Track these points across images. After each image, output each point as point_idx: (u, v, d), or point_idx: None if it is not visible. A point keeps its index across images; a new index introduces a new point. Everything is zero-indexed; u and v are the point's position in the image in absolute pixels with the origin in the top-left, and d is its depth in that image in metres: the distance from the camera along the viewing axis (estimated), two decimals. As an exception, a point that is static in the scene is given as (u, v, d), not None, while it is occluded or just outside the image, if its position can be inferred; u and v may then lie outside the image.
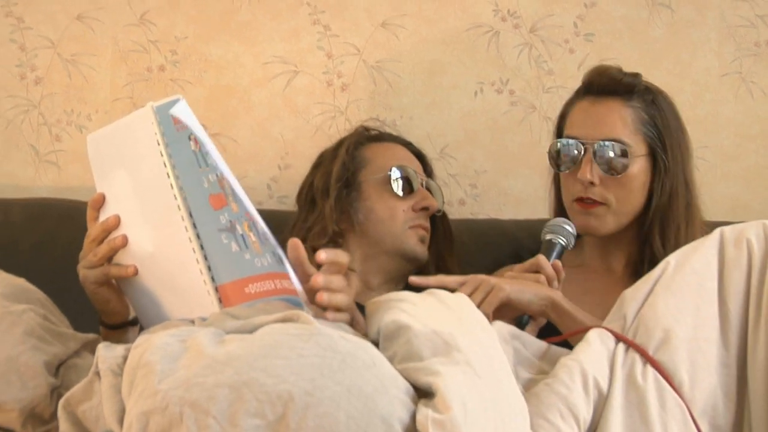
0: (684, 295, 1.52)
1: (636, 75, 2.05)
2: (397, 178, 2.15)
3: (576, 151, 2.00)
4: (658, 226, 1.99)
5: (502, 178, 2.57)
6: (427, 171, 2.29)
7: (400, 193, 2.14)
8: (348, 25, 2.58)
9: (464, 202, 2.57)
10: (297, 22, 2.58)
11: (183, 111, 1.56)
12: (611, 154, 1.97)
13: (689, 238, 1.93)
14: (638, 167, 1.99)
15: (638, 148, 1.98)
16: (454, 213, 2.46)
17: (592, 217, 2.00)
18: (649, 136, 1.99)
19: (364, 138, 2.25)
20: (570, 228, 1.97)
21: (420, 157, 2.29)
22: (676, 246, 1.91)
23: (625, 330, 1.53)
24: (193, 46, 2.59)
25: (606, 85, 2.03)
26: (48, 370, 1.49)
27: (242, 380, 1.20)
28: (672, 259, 1.57)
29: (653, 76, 2.48)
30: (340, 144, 2.24)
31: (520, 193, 2.56)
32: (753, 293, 1.51)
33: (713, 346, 1.50)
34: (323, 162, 2.23)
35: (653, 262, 1.94)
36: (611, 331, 1.54)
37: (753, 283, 1.51)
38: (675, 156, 1.99)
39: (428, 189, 2.21)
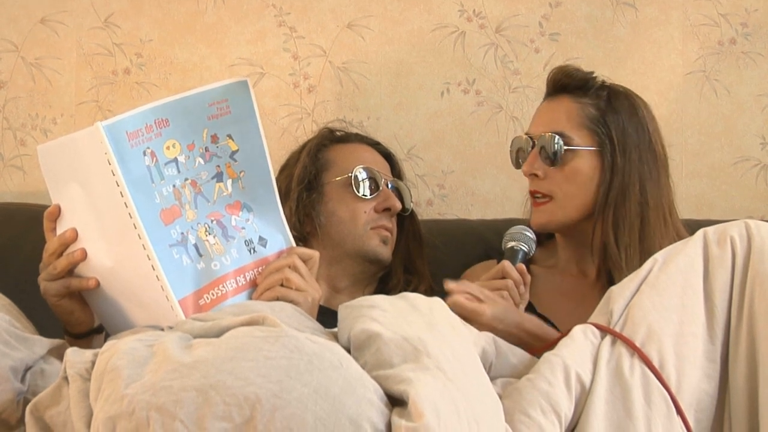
0: (669, 293, 1.54)
1: (590, 73, 2.06)
2: (359, 180, 2.14)
3: (525, 147, 2.04)
4: (612, 225, 1.97)
5: (469, 178, 2.57)
6: (395, 171, 2.27)
7: (362, 194, 2.13)
8: (314, 26, 2.58)
9: (432, 202, 2.57)
10: (263, 24, 2.58)
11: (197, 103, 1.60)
12: (552, 145, 1.99)
13: (647, 239, 1.95)
14: (583, 161, 1.99)
15: (582, 141, 1.99)
16: (422, 214, 2.46)
17: (541, 213, 2.02)
18: (596, 131, 1.99)
19: (328, 140, 2.23)
20: (530, 234, 1.99)
21: (388, 157, 2.28)
22: (631, 245, 1.94)
23: (611, 325, 1.54)
24: (159, 49, 2.58)
25: (560, 81, 2.05)
26: (14, 375, 1.48)
27: (209, 383, 1.20)
28: (659, 257, 1.59)
29: (618, 75, 2.50)
30: (303, 146, 2.23)
31: (487, 193, 2.56)
32: (736, 291, 1.53)
33: (699, 341, 1.51)
34: (288, 164, 2.22)
35: (610, 262, 1.97)
36: (597, 325, 1.55)
37: (736, 281, 1.53)
38: (628, 155, 1.98)
39: (396, 189, 2.21)
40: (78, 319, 1.68)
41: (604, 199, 1.98)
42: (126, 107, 2.49)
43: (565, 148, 1.98)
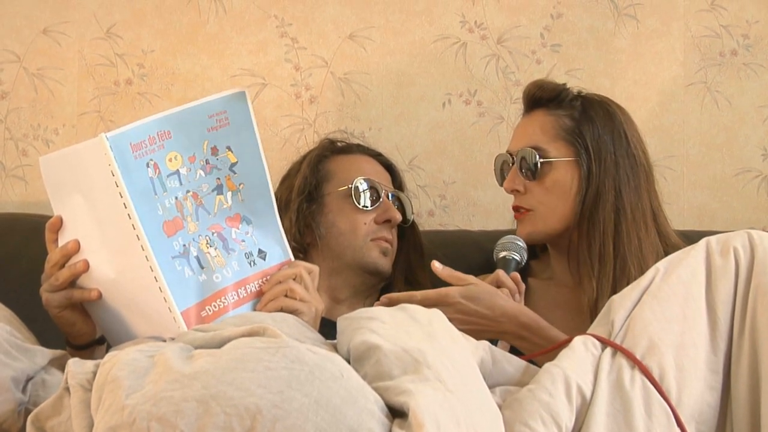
0: (671, 303, 1.53)
1: (563, 84, 2.08)
2: (359, 191, 2.14)
3: (506, 165, 2.08)
4: (586, 232, 1.99)
5: (470, 188, 2.57)
6: (396, 182, 2.27)
7: (363, 205, 2.13)
8: (315, 37, 2.58)
9: (433, 213, 2.57)
10: (265, 34, 2.58)
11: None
12: (529, 159, 2.01)
13: (623, 246, 1.96)
14: (561, 172, 2.01)
15: (558, 152, 2.02)
16: (424, 224, 2.46)
17: (524, 224, 2.05)
18: (572, 142, 2.01)
19: (329, 151, 2.24)
20: (521, 243, 2.01)
21: (389, 168, 2.28)
22: (604, 252, 1.94)
23: (612, 336, 1.54)
24: (161, 60, 2.58)
25: (533, 95, 2.09)
26: (15, 385, 1.48)
27: (210, 394, 1.20)
28: (661, 267, 1.59)
29: (619, 86, 2.51)
30: (304, 157, 2.23)
31: (489, 203, 2.56)
32: (739, 302, 1.52)
33: (701, 352, 1.51)
34: (289, 175, 2.22)
35: (582, 269, 1.98)
36: (597, 337, 1.55)
37: (739, 292, 1.53)
38: (604, 162, 1.99)
39: (397, 200, 2.21)
40: (80, 330, 1.68)
41: (580, 207, 2.00)
42: (128, 118, 2.50)
43: (542, 160, 2.00)
